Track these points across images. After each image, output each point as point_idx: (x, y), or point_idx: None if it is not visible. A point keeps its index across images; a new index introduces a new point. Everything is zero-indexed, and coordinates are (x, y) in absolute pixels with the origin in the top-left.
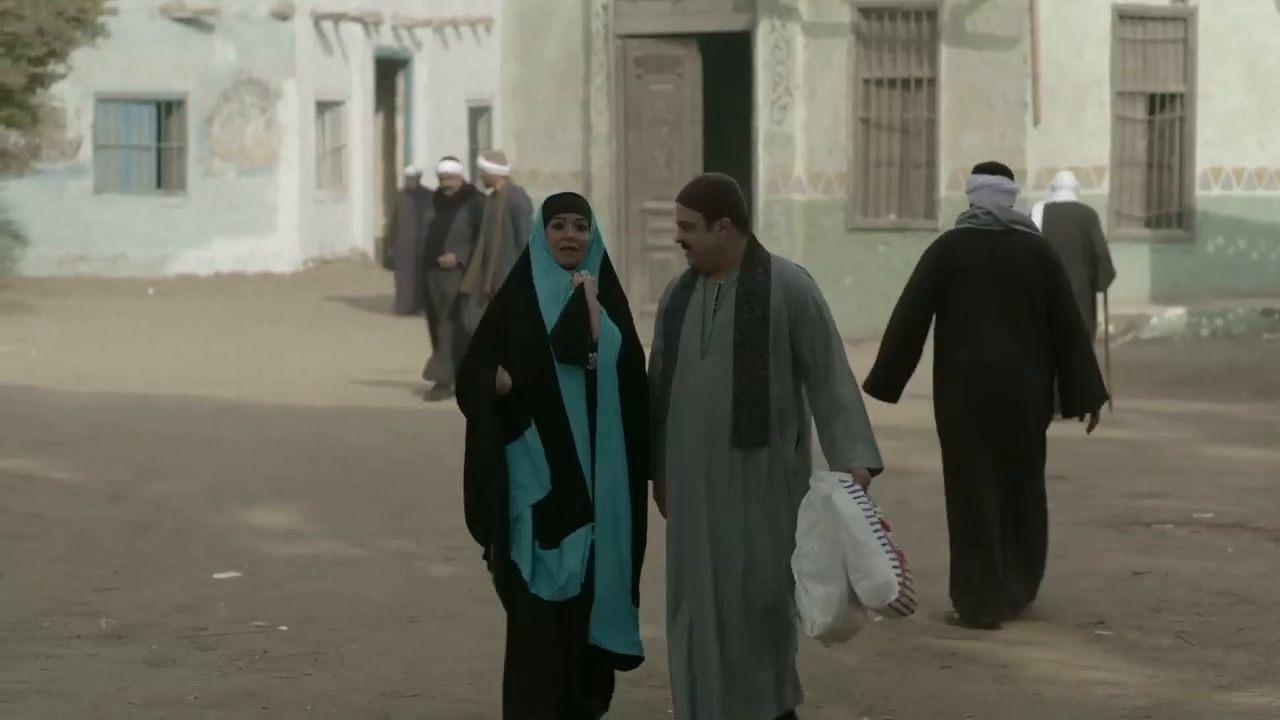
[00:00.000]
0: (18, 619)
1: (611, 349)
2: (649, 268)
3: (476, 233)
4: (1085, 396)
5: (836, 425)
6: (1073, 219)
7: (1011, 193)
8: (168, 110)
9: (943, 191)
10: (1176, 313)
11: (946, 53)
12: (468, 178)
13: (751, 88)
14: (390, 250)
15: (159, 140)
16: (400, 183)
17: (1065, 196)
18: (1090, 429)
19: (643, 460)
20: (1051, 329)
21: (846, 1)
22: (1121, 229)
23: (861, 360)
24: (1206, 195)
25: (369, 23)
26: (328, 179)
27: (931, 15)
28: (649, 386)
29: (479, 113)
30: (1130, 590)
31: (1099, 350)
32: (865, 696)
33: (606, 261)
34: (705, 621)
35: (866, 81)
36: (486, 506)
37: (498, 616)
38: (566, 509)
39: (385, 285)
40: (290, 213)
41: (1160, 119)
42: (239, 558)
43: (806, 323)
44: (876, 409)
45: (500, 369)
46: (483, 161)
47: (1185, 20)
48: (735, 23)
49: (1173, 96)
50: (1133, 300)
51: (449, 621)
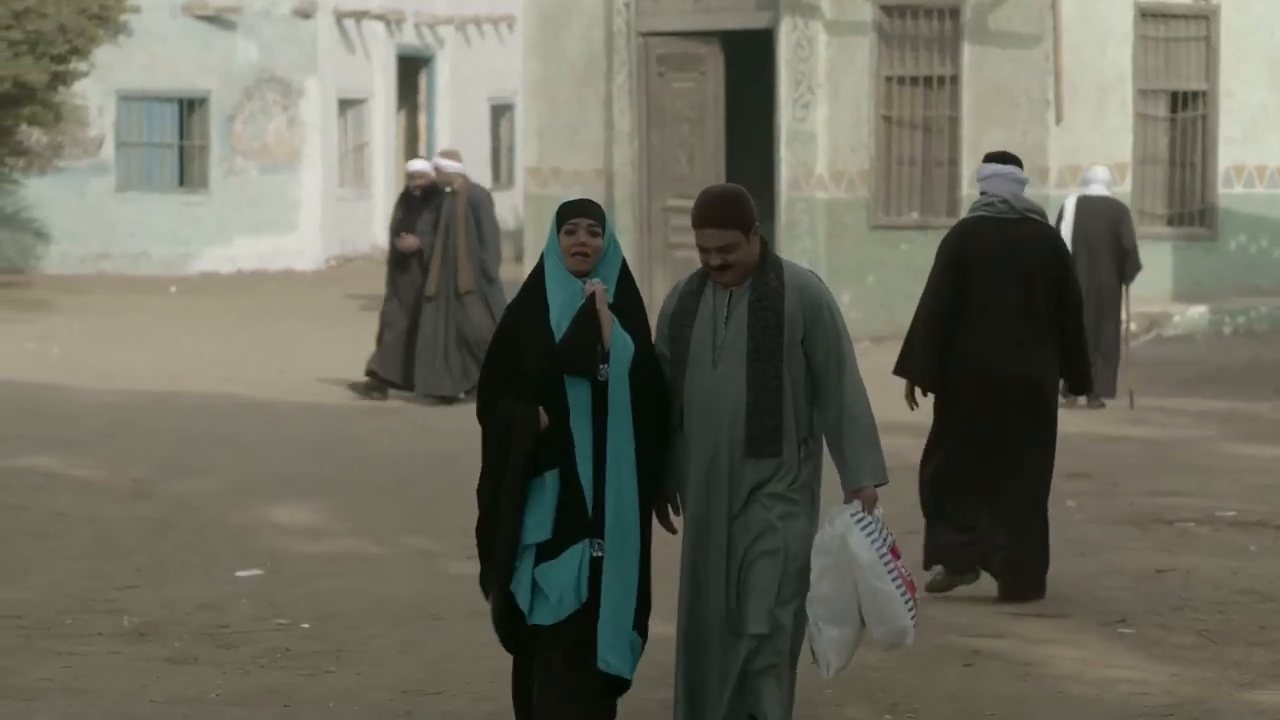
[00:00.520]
0: (40, 616)
1: (624, 358)
2: (671, 265)
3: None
4: (1079, 385)
5: (847, 439)
6: (1104, 213)
7: (1023, 182)
8: (190, 108)
9: (965, 189)
10: (1199, 311)
11: (969, 50)
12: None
13: (774, 85)
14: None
15: (181, 138)
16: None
17: (1098, 190)
18: (1087, 405)
19: (655, 473)
20: (1060, 312)
21: None
22: (1144, 227)
23: (883, 358)
24: (1229, 193)
25: (391, 20)
26: (350, 177)
27: (954, 13)
28: (666, 396)
29: (501, 111)
30: (1153, 588)
31: (1121, 346)
32: (887, 695)
33: (624, 268)
34: (711, 632)
35: (889, 79)
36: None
37: None
38: (563, 523)
39: None
40: (312, 211)
41: (1182, 117)
42: (261, 555)
43: (820, 330)
44: (900, 404)
45: (540, 410)
46: (439, 160)
47: (1207, 18)
48: (758, 20)
49: (1195, 94)
50: (1155, 298)
51: (471, 619)
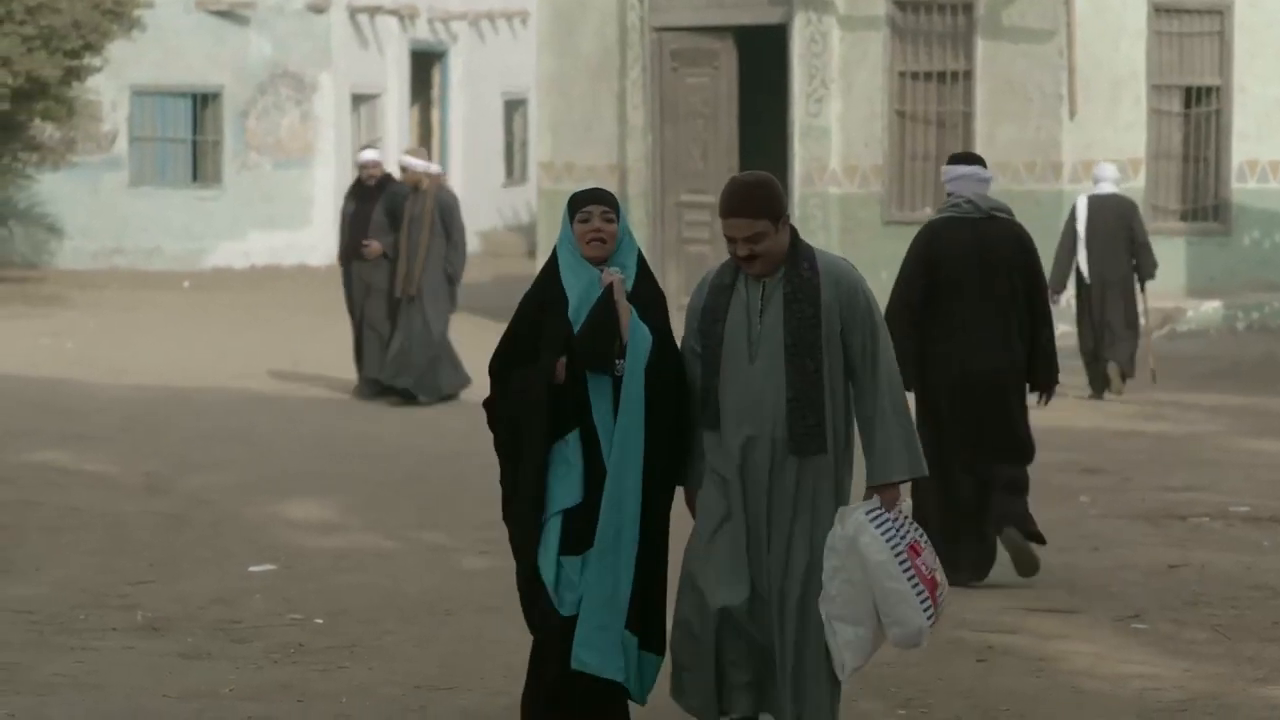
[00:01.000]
0: (54, 611)
1: (641, 351)
2: (684, 260)
3: (395, 223)
4: (1047, 377)
5: (879, 432)
6: (1114, 210)
7: (987, 181)
8: (203, 103)
9: None
10: (1213, 306)
11: (982, 46)
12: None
13: (787, 80)
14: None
15: (194, 133)
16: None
17: (1107, 189)
18: (1045, 403)
19: (666, 469)
20: (1029, 308)
21: None
22: (1157, 222)
23: None
24: (1242, 188)
25: (405, 15)
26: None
27: (967, 8)
28: (686, 389)
29: (514, 106)
30: (1166, 584)
31: (1141, 340)
32: (901, 690)
33: (641, 256)
34: (751, 629)
35: (902, 74)
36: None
37: None
38: (594, 523)
39: None
40: (326, 206)
41: (1196, 112)
42: (275, 550)
43: (858, 320)
44: (914, 400)
45: (558, 361)
46: (405, 157)
47: (1221, 13)
48: (771, 15)
49: (1209, 89)
50: (1169, 293)
51: (485, 614)
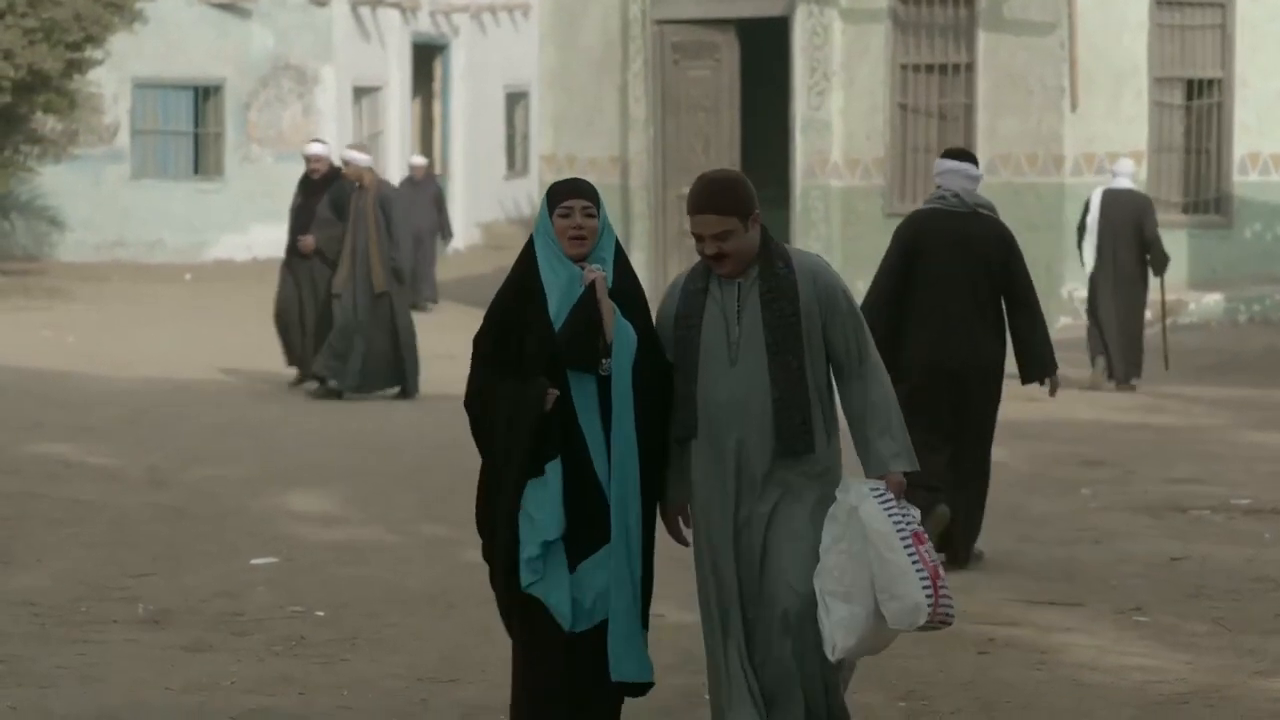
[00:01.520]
0: (56, 604)
1: (627, 351)
2: (686, 253)
3: (341, 217)
4: (1040, 365)
5: (871, 425)
6: (1127, 205)
7: (976, 178)
8: (205, 96)
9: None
10: (1214, 298)
11: (984, 38)
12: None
13: (789, 73)
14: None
15: (196, 126)
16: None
17: (1123, 183)
18: (1053, 393)
19: (656, 472)
20: (1008, 303)
21: None
22: (1159, 215)
23: None
24: (1244, 181)
25: (406, 8)
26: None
27: (969, 1)
28: (669, 391)
29: (516, 99)
30: (1167, 576)
31: (1154, 331)
32: (902, 682)
33: (620, 252)
34: (739, 638)
35: (904, 67)
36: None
37: None
38: (586, 529)
39: None
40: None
41: (1198, 105)
42: (277, 543)
43: (838, 316)
44: None
45: (544, 380)
46: (347, 152)
47: (1223, 6)
48: (773, 8)
49: (1210, 82)
50: (1171, 286)
51: (486, 607)
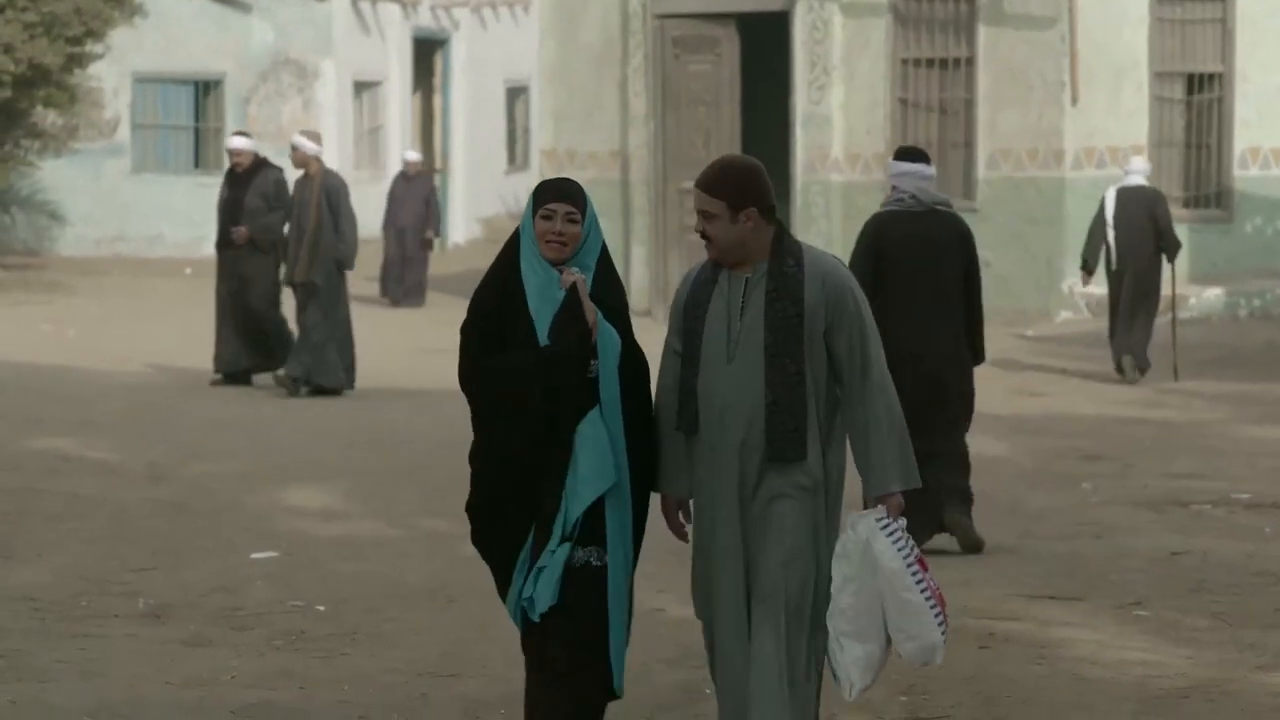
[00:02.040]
0: (56, 599)
1: (612, 352)
2: (686, 248)
3: (272, 208)
4: (974, 356)
5: (872, 440)
6: (1141, 200)
7: (931, 178)
8: (205, 90)
9: (981, 172)
10: (1215, 293)
11: (984, 33)
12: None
13: (789, 68)
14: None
15: (197, 120)
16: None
17: (1136, 180)
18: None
19: (644, 473)
20: (966, 295)
21: None
22: None
23: None
24: (1245, 175)
25: (406, 3)
26: (365, 159)
27: None
28: (652, 392)
29: (516, 93)
30: (1168, 571)
31: (1163, 322)
32: (903, 676)
33: (605, 255)
34: (736, 647)
35: (904, 62)
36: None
37: None
38: (546, 525)
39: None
40: None
41: (1198, 99)
42: (277, 538)
43: (845, 320)
44: None
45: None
46: (297, 138)
47: (1223, 0)
48: (773, 3)
49: (1211, 77)
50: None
51: (486, 601)
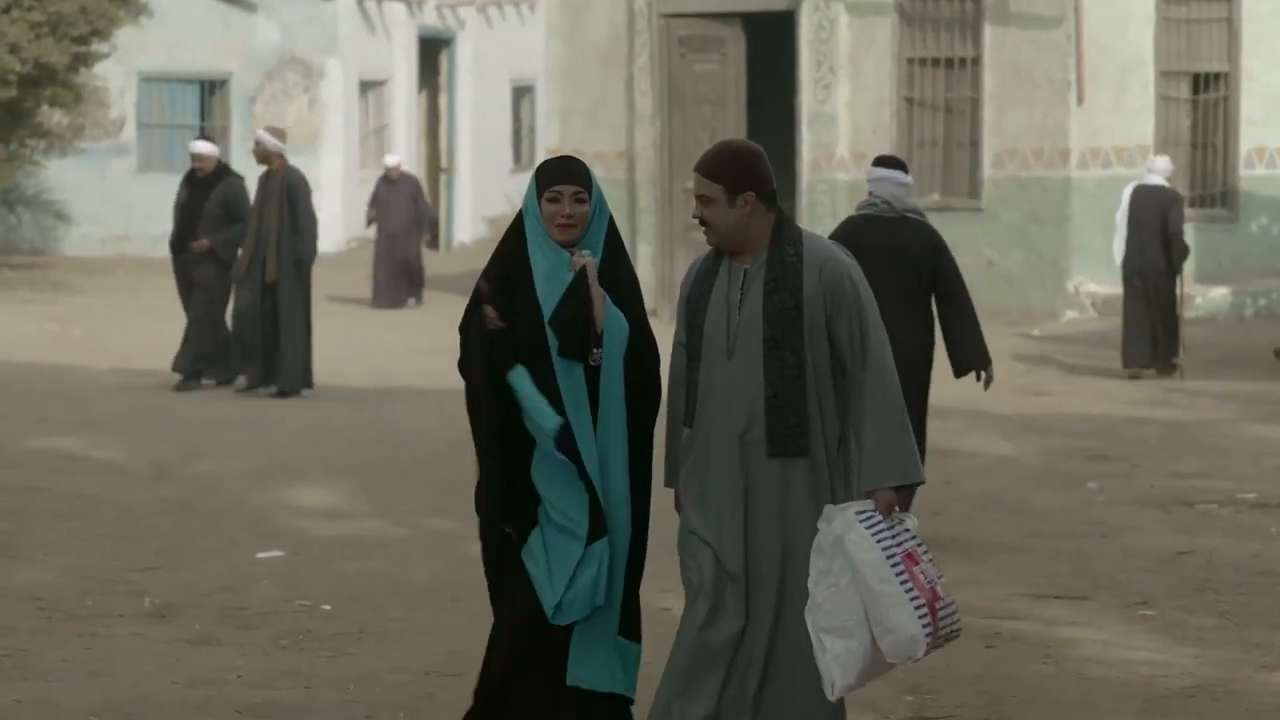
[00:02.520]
0: (61, 598)
1: (618, 341)
2: (691, 247)
3: (230, 216)
4: (971, 359)
5: (869, 432)
6: (1155, 201)
7: (906, 185)
8: (211, 89)
9: (987, 171)
10: (1220, 292)
11: (990, 32)
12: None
13: (795, 67)
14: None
15: (202, 119)
16: (386, 168)
17: (1155, 180)
18: (987, 386)
19: (647, 468)
20: (938, 301)
21: None
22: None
23: None
24: (1250, 175)
25: (412, 2)
26: (371, 158)
27: None
28: (663, 382)
29: (522, 92)
30: (1174, 570)
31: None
32: (909, 676)
33: (614, 236)
34: (740, 652)
35: (910, 61)
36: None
37: None
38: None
39: (430, 264)
40: (333, 192)
41: (1204, 99)
42: (282, 537)
43: (844, 308)
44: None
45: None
46: (261, 134)
47: (1229, 0)
48: (779, 2)
49: (1217, 76)
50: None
51: None
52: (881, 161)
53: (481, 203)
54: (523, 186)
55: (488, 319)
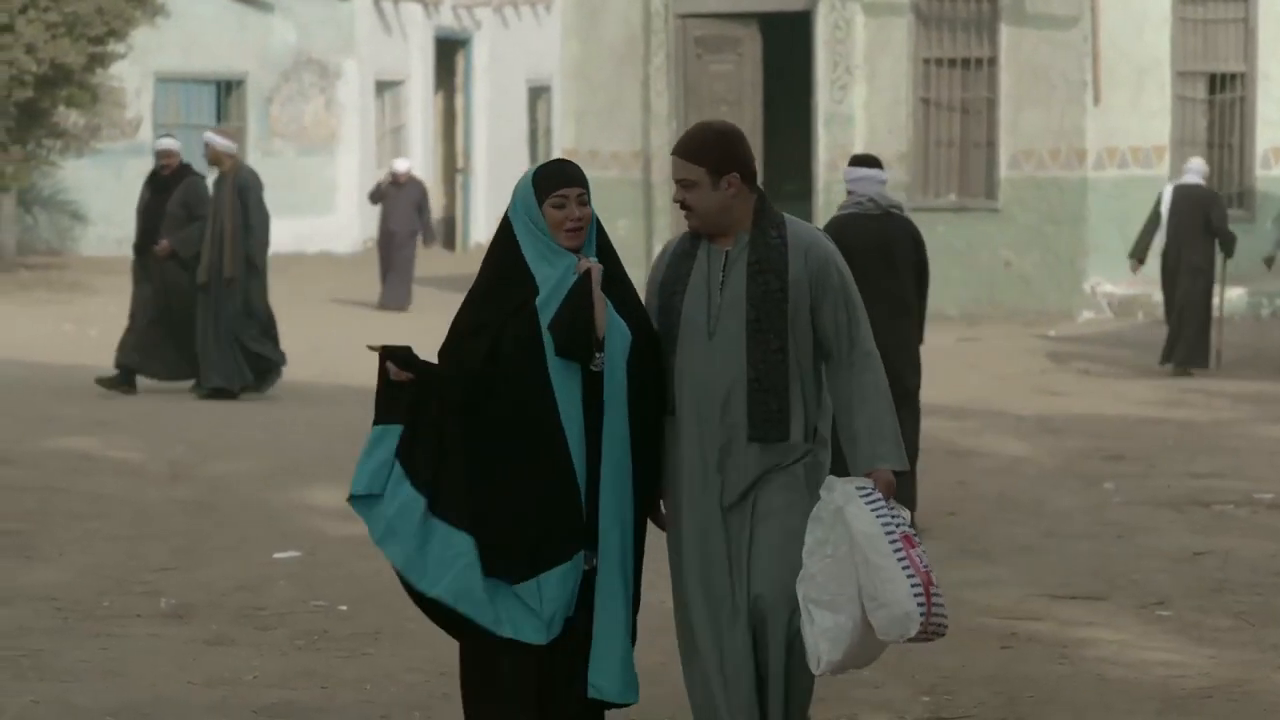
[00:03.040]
0: (78, 598)
1: (620, 347)
2: None
3: (194, 216)
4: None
5: (859, 418)
6: (1195, 200)
7: (884, 182)
8: (227, 90)
9: (1003, 171)
10: (1236, 293)
11: (1007, 32)
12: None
13: (811, 67)
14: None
15: (219, 120)
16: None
17: (1192, 180)
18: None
19: (651, 473)
20: (917, 293)
21: None
22: None
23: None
24: (1267, 175)
25: (428, 2)
26: (387, 159)
27: None
28: (663, 391)
29: (538, 93)
30: (1190, 571)
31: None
32: (925, 677)
33: (602, 234)
34: (714, 646)
35: (926, 61)
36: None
37: None
38: (557, 535)
39: (446, 265)
40: (350, 193)
41: (1220, 99)
42: (299, 537)
43: (830, 294)
44: (939, 388)
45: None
46: (210, 136)
47: (1245, 0)
48: (795, 2)
49: (1233, 76)
50: None
51: None
52: (858, 161)
53: (498, 203)
54: None
55: (393, 374)
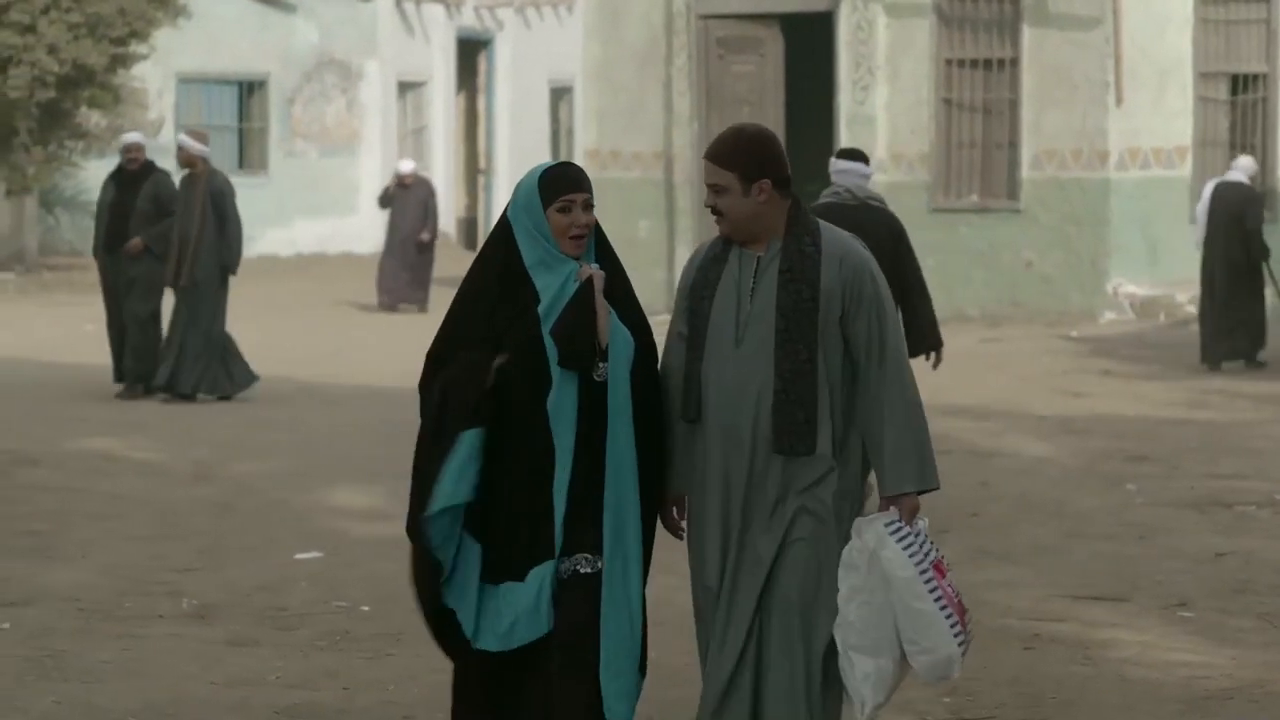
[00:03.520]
0: (100, 599)
1: (623, 357)
2: None
3: (162, 211)
4: (922, 342)
5: (887, 434)
6: (1233, 198)
7: (867, 176)
8: (249, 90)
9: (1025, 172)
10: None
11: (1029, 33)
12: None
13: (833, 68)
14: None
15: (241, 120)
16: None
17: (1236, 177)
18: (935, 366)
19: (653, 482)
20: (900, 286)
21: None
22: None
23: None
24: None
25: (450, 3)
26: (409, 160)
27: None
28: (661, 401)
29: (560, 93)
30: (1213, 572)
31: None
32: None
33: (606, 246)
34: (740, 666)
35: (949, 62)
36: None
37: None
38: (525, 545)
39: (465, 266)
40: (372, 193)
41: (1243, 99)
42: (320, 538)
43: (864, 305)
44: (961, 389)
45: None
46: (182, 138)
47: (1268, 1)
48: (817, 3)
49: (1255, 77)
50: None
51: None
52: (844, 154)
53: None
54: None
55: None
